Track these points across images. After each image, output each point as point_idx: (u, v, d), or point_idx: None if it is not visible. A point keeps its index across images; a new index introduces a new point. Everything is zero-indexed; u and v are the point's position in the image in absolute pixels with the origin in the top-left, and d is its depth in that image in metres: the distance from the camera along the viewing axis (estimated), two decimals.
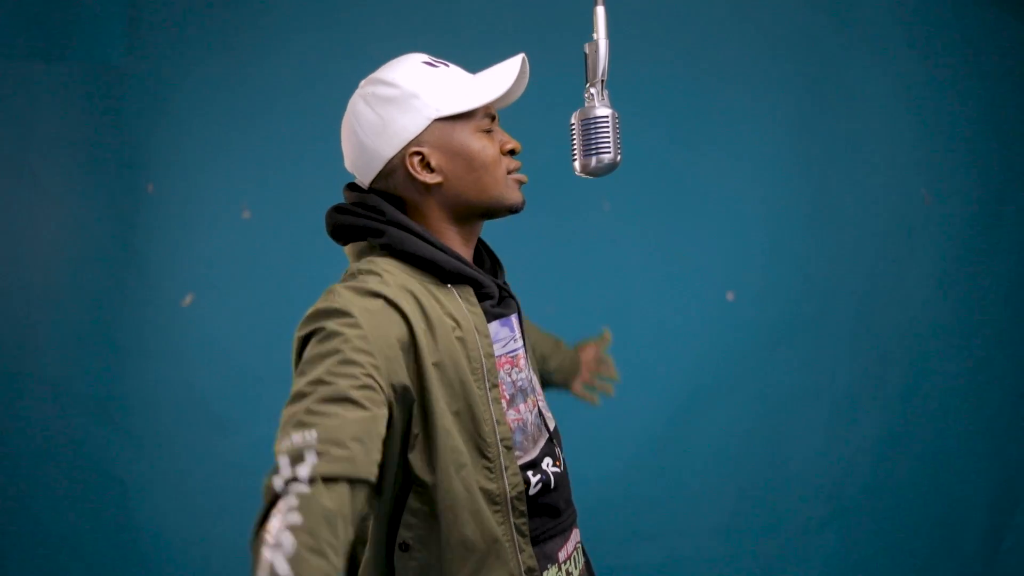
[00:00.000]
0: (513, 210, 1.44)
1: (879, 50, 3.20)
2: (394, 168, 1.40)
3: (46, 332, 2.97)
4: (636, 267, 3.14)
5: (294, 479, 1.14)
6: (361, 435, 1.19)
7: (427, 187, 1.40)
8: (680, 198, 3.16)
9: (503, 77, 1.41)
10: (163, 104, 3.03)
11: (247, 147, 3.05)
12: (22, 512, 2.93)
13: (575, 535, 1.49)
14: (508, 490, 1.36)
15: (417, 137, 1.38)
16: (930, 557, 3.13)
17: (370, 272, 1.35)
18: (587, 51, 1.48)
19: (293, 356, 1.31)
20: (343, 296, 1.29)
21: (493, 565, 1.34)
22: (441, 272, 1.37)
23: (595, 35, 1.48)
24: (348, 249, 1.45)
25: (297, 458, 1.16)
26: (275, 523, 1.11)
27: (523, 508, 1.38)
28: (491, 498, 1.35)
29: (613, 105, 1.47)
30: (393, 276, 1.34)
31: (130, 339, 2.99)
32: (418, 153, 1.38)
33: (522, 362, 1.44)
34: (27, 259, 2.99)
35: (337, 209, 1.45)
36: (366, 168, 1.41)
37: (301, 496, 1.13)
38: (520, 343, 1.45)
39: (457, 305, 1.38)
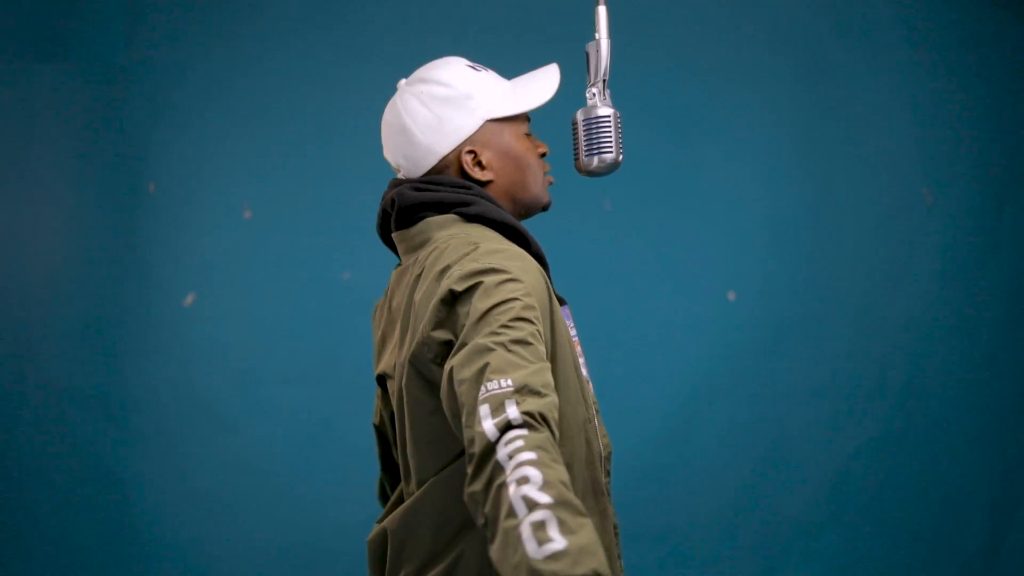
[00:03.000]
0: (545, 209, 1.52)
1: (879, 50, 3.20)
2: (447, 165, 1.45)
3: (46, 332, 2.97)
4: (637, 267, 3.14)
5: (508, 425, 1.14)
6: (549, 382, 1.21)
7: (478, 184, 1.45)
8: (681, 198, 3.16)
9: (546, 85, 1.47)
10: (163, 104, 3.03)
11: (247, 147, 3.05)
12: (22, 512, 2.93)
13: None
14: (601, 450, 1.43)
15: (471, 136, 1.44)
16: (930, 557, 3.14)
17: (484, 238, 1.38)
18: (589, 51, 1.49)
19: (435, 308, 1.30)
20: (497, 258, 1.31)
21: (605, 514, 1.41)
22: (526, 244, 1.43)
23: (597, 35, 1.49)
24: (422, 227, 1.44)
25: (498, 407, 1.15)
26: (507, 464, 1.11)
27: (610, 468, 1.45)
28: (594, 455, 1.41)
29: (615, 105, 1.48)
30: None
31: (131, 339, 2.99)
32: (472, 152, 1.44)
33: (579, 349, 1.48)
34: (27, 259, 2.99)
35: (414, 187, 1.45)
36: (418, 163, 1.46)
37: (521, 436, 1.13)
38: (576, 332, 1.49)
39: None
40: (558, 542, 1.04)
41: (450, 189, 1.44)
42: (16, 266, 2.98)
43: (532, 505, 1.07)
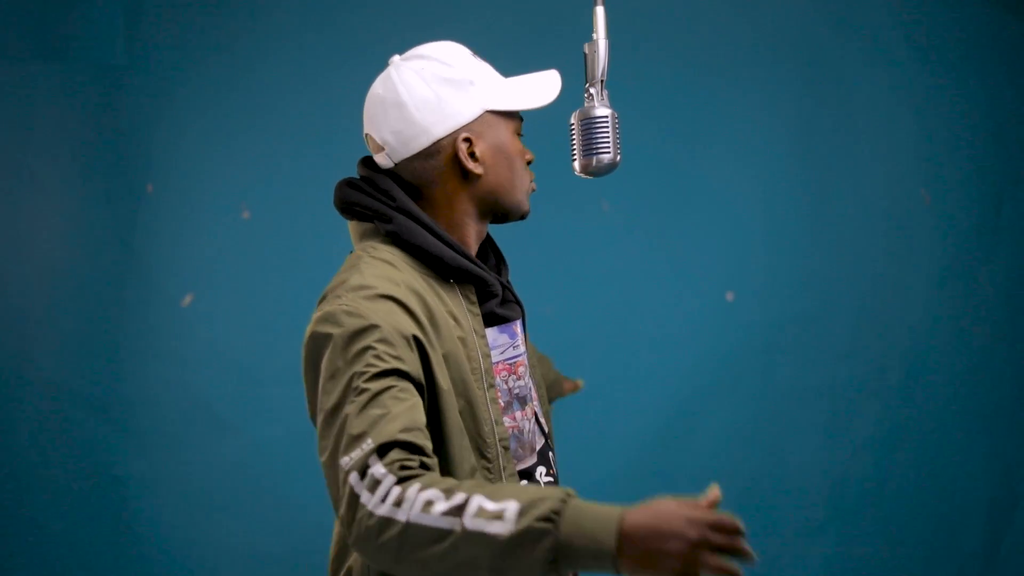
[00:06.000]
0: (523, 216, 1.45)
1: (879, 50, 3.20)
2: (440, 149, 1.37)
3: (46, 332, 2.98)
4: (636, 267, 3.14)
5: (376, 482, 1.15)
6: (409, 424, 1.19)
7: (467, 176, 1.38)
8: (680, 198, 3.16)
9: (548, 88, 1.43)
10: (163, 104, 3.03)
11: (247, 147, 3.06)
12: (22, 512, 2.94)
13: None
14: None
15: (469, 124, 1.37)
16: (930, 557, 3.13)
17: (375, 260, 1.33)
18: (587, 51, 1.49)
19: (304, 357, 1.30)
20: (355, 303, 1.26)
21: None
22: (445, 268, 1.35)
23: (595, 35, 1.49)
24: (352, 227, 1.42)
25: (364, 470, 1.16)
26: (398, 512, 1.11)
27: None
28: None
29: (612, 105, 1.47)
30: (397, 271, 1.32)
31: (130, 339, 2.99)
32: (468, 140, 1.37)
33: (520, 369, 1.43)
34: (27, 259, 2.99)
35: (349, 184, 1.41)
36: (408, 143, 1.37)
37: (399, 489, 1.13)
38: (521, 350, 1.43)
39: (458, 303, 1.36)
40: (509, 505, 0.99)
41: (376, 195, 1.37)
42: (16, 266, 2.98)
43: (456, 510, 1.05)
